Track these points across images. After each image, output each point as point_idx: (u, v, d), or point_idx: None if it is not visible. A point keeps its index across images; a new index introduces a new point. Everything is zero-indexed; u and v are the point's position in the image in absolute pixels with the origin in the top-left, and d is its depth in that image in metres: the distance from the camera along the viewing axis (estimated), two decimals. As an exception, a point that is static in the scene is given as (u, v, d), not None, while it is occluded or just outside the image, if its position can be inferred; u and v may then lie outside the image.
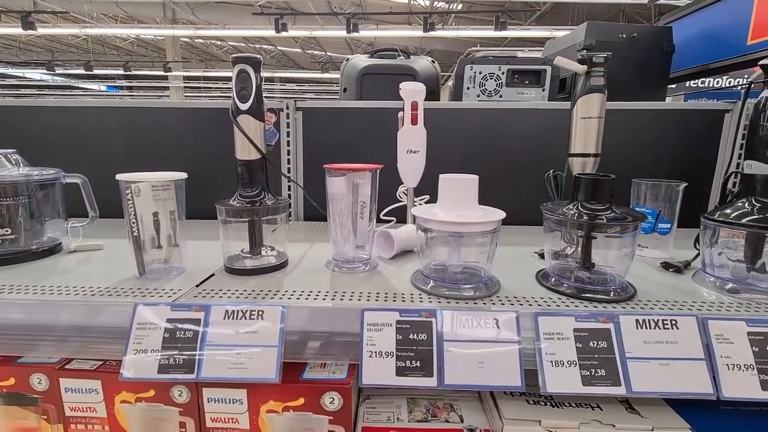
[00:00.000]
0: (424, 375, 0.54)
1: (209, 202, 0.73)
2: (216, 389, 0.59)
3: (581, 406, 0.62)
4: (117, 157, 1.18)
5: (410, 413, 0.67)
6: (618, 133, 1.12)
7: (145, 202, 0.68)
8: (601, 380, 0.52)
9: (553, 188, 0.81)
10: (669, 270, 0.74)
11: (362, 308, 0.56)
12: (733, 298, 0.62)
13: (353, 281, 0.68)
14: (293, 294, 0.62)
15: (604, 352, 0.54)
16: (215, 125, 1.09)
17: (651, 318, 0.55)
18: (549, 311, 0.56)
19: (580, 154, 0.76)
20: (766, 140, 0.61)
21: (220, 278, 0.69)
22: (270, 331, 0.55)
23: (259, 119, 0.70)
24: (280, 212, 0.72)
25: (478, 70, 1.30)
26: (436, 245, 0.66)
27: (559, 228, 0.64)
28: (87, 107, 1.18)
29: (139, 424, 0.63)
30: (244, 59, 0.67)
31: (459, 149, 1.14)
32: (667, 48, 1.33)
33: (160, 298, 0.60)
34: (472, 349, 0.54)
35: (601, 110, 0.74)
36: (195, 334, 0.56)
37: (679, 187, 0.78)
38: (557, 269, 0.67)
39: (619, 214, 0.61)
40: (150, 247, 0.70)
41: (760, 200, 0.62)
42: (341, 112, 1.17)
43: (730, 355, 0.53)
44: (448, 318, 0.56)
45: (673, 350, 0.53)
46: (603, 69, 0.72)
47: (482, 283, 0.65)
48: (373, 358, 0.55)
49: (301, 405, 0.59)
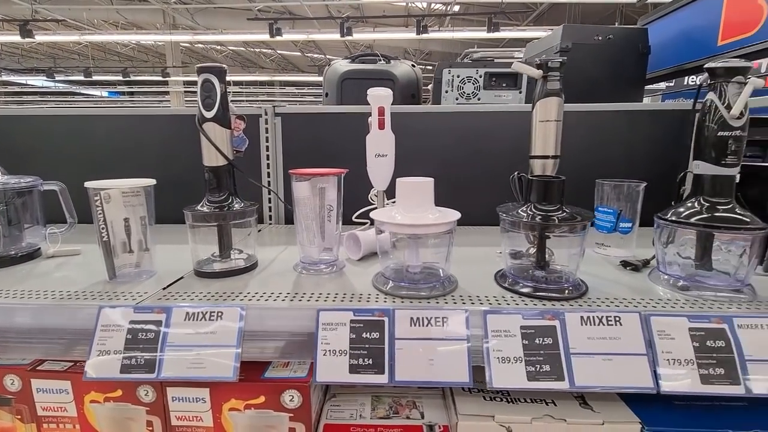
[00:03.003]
0: (376, 372, 0.56)
1: (184, 206, 0.75)
2: (180, 388, 0.61)
3: (536, 401, 0.64)
4: (95, 164, 1.20)
5: (373, 410, 0.69)
6: (590, 135, 1.14)
7: (115, 208, 0.71)
8: (546, 375, 0.54)
9: (517, 189, 0.83)
10: (627, 268, 0.75)
11: (318, 308, 0.59)
12: (682, 295, 0.63)
13: (317, 282, 0.70)
14: (255, 296, 0.64)
15: (549, 348, 0.55)
16: (188, 131, 1.12)
17: (595, 315, 0.57)
18: (497, 309, 0.58)
19: (540, 156, 0.77)
20: (712, 141, 0.62)
21: (188, 281, 0.71)
22: (228, 332, 0.58)
23: (225, 126, 0.72)
24: (247, 216, 0.74)
25: (456, 74, 1.33)
26: (394, 247, 0.68)
27: (513, 229, 0.66)
28: (66, 116, 1.21)
29: (108, 423, 0.65)
30: (209, 69, 0.69)
31: (438, 152, 1.16)
32: (643, 49, 1.34)
33: (126, 300, 0.62)
34: (422, 346, 0.56)
35: (559, 113, 0.75)
36: (156, 335, 0.58)
37: (639, 187, 0.80)
38: (514, 269, 0.69)
39: (568, 214, 0.62)
40: (121, 251, 0.72)
41: (708, 200, 0.64)
42: (320, 117, 1.19)
43: (671, 350, 0.54)
44: (400, 317, 0.58)
45: (617, 346, 0.55)
46: (559, 73, 0.73)
47: (439, 283, 0.67)
48: (327, 357, 0.57)
49: (261, 403, 0.61)
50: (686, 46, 1.26)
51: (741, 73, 0.60)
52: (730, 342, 0.54)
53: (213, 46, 12.29)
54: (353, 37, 5.82)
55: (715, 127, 0.62)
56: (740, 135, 0.61)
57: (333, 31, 5.82)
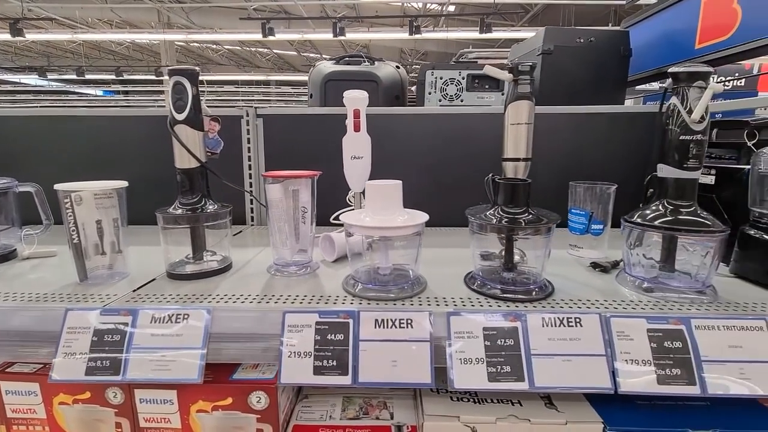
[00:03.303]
0: (339, 374, 0.56)
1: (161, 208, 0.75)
2: (147, 390, 0.62)
3: (503, 402, 0.64)
4: (72, 166, 1.20)
5: (343, 411, 0.70)
6: (570, 137, 1.15)
7: (87, 210, 0.71)
8: (506, 376, 0.55)
9: (491, 191, 0.84)
10: (596, 270, 0.76)
11: (284, 310, 0.59)
12: (646, 297, 0.64)
13: (288, 284, 0.71)
14: (223, 298, 0.64)
15: (510, 350, 0.56)
16: (165, 132, 1.13)
17: (557, 316, 0.57)
18: (460, 311, 0.59)
19: (512, 158, 0.78)
20: (675, 144, 0.63)
21: (160, 283, 0.72)
22: (194, 334, 0.58)
23: (198, 129, 0.72)
24: (220, 218, 0.74)
25: (438, 76, 1.33)
26: (370, 249, 0.69)
27: (480, 231, 0.66)
28: (42, 116, 1.21)
29: (77, 425, 0.65)
30: (180, 71, 0.70)
31: (421, 153, 1.17)
32: (624, 52, 1.35)
33: (94, 303, 0.63)
34: (386, 348, 0.57)
35: (530, 116, 0.76)
36: (122, 337, 0.58)
37: (610, 189, 0.81)
38: (483, 271, 0.69)
39: (534, 216, 0.63)
40: (94, 253, 0.73)
41: (672, 203, 0.64)
42: (302, 119, 1.19)
43: (629, 351, 0.55)
44: (365, 319, 0.58)
45: (577, 347, 0.56)
46: (529, 77, 0.74)
47: (408, 285, 0.67)
48: (292, 358, 0.57)
49: (229, 404, 0.62)
50: (666, 49, 1.27)
51: (702, 78, 0.61)
52: (687, 343, 0.55)
53: (209, 45, 12.25)
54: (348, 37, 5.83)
55: (677, 131, 0.63)
56: (701, 139, 0.62)
57: (328, 30, 5.82)
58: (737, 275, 0.73)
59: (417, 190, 1.19)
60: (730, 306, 0.61)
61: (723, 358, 0.54)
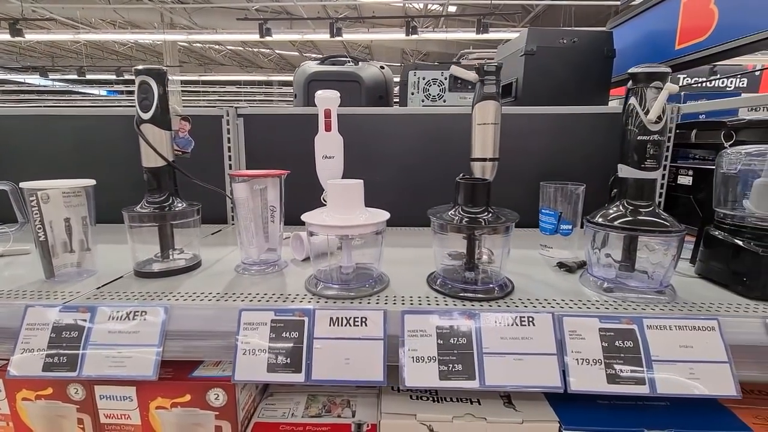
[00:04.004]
0: (293, 371, 0.57)
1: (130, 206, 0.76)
2: (107, 387, 0.62)
3: (462, 400, 0.65)
4: (48, 164, 1.22)
5: (306, 409, 0.70)
6: (550, 138, 1.15)
7: (56, 208, 0.71)
8: (457, 375, 0.55)
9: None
10: (562, 269, 0.76)
11: (240, 308, 0.59)
12: (604, 297, 0.64)
13: (252, 283, 0.71)
14: (185, 295, 0.65)
15: (463, 348, 0.56)
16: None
17: (510, 315, 0.58)
18: (414, 309, 0.59)
19: (479, 158, 0.78)
20: (633, 145, 0.63)
21: (126, 281, 0.72)
22: (150, 332, 0.58)
23: (164, 128, 0.73)
24: (187, 217, 0.75)
25: (421, 76, 1.34)
26: (325, 248, 0.69)
27: (440, 231, 0.67)
28: (21, 116, 1.22)
29: (41, 421, 0.66)
30: (146, 71, 0.70)
31: (403, 153, 1.17)
32: (608, 53, 1.35)
33: (56, 300, 0.63)
34: (339, 346, 0.57)
35: (496, 116, 0.76)
36: (80, 334, 0.59)
37: (579, 189, 0.81)
38: (445, 270, 0.70)
39: (492, 216, 0.63)
40: (62, 251, 0.73)
41: (632, 203, 0.65)
42: (282, 118, 1.20)
43: (581, 350, 0.55)
44: (320, 317, 0.59)
45: (529, 346, 0.56)
46: (494, 77, 0.74)
47: (369, 283, 0.68)
48: (247, 356, 0.57)
49: (188, 401, 0.62)
50: (648, 50, 1.27)
51: (659, 79, 0.61)
52: (638, 342, 0.55)
53: (211, 46, 12.30)
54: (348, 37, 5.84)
55: (635, 131, 0.63)
56: (658, 140, 0.62)
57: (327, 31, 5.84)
58: (702, 276, 0.72)
59: (398, 189, 1.20)
60: (686, 306, 0.61)
61: (673, 358, 0.54)
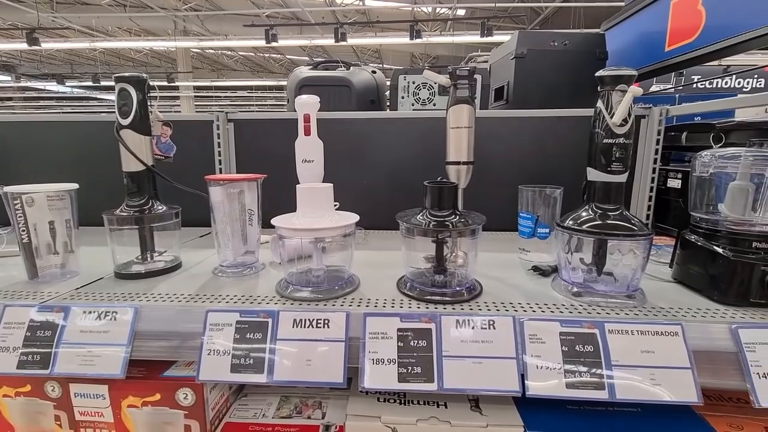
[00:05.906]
0: (255, 372, 0.58)
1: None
2: (80, 385, 0.64)
3: (429, 403, 0.65)
4: (38, 169, 1.25)
5: (278, 410, 0.71)
6: (538, 141, 1.15)
7: (40, 211, 0.74)
8: (416, 377, 0.55)
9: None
10: (536, 273, 0.76)
11: (207, 309, 0.61)
12: (572, 301, 0.64)
13: (226, 284, 0.73)
14: (156, 296, 0.66)
15: (422, 351, 0.57)
16: None
17: (471, 318, 0.58)
18: (376, 312, 0.59)
19: (454, 162, 0.78)
20: (600, 148, 0.63)
21: (106, 282, 0.74)
22: (120, 331, 0.60)
23: (144, 133, 0.75)
24: (165, 220, 0.77)
25: (411, 80, 1.34)
26: (296, 250, 0.70)
27: (408, 235, 0.67)
28: (16, 122, 1.26)
29: (21, 417, 0.68)
30: (125, 78, 0.73)
31: (392, 157, 1.18)
32: (600, 55, 1.34)
33: (34, 300, 0.65)
34: (301, 347, 0.58)
35: (470, 120, 0.77)
36: (53, 333, 0.61)
37: (555, 192, 0.81)
38: (414, 273, 0.70)
39: (458, 219, 0.64)
40: (46, 253, 0.76)
41: (600, 206, 0.64)
42: (271, 123, 1.22)
43: (540, 354, 0.55)
44: (284, 319, 0.60)
45: (488, 349, 0.56)
46: (467, 81, 0.75)
47: (339, 286, 0.68)
48: (212, 356, 0.59)
49: (158, 400, 0.64)
50: (639, 52, 1.25)
51: (624, 81, 0.61)
52: (598, 347, 0.55)
53: (224, 52, 12.51)
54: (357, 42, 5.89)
55: (602, 134, 0.62)
56: (624, 143, 0.61)
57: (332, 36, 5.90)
58: (677, 280, 0.71)
59: (388, 192, 1.21)
60: (653, 311, 0.60)
61: (634, 363, 0.54)
